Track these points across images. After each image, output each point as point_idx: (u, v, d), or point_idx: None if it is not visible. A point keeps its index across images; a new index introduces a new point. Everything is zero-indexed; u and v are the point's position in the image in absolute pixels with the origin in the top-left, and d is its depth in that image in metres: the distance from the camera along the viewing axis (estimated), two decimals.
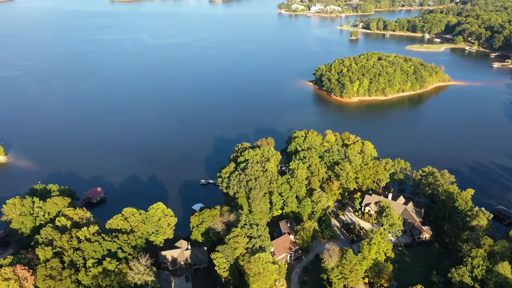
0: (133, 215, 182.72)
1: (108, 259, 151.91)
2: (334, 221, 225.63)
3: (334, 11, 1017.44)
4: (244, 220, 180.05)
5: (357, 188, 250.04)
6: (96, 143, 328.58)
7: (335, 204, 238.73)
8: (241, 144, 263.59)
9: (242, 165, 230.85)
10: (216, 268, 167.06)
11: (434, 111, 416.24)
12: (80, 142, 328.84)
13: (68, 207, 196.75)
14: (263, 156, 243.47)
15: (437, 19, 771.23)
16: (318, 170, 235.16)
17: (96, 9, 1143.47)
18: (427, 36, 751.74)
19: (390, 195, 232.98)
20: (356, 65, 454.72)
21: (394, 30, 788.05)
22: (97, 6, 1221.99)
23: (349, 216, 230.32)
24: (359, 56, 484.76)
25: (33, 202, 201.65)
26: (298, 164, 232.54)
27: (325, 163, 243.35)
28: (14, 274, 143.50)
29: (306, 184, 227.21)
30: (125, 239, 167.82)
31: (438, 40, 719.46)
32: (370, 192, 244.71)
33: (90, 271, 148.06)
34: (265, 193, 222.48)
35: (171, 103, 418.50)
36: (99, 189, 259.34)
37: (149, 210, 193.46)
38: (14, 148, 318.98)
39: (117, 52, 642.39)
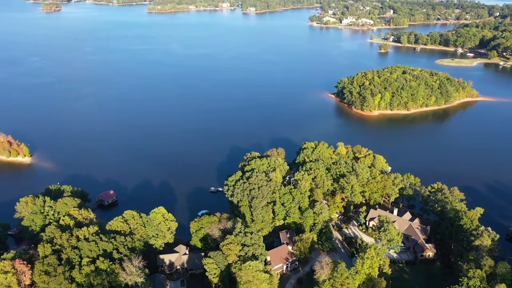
0: (133, 217, 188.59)
1: (101, 258, 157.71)
2: (336, 234, 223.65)
3: (365, 24, 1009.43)
4: (239, 228, 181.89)
5: (364, 202, 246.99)
6: (115, 148, 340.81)
7: (339, 217, 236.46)
8: (250, 154, 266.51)
9: (247, 174, 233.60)
10: (207, 273, 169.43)
11: (458, 127, 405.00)
12: (100, 147, 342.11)
13: (77, 207, 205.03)
14: (269, 166, 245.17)
15: (471, 33, 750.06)
16: (323, 182, 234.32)
17: (134, 20, 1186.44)
18: (460, 50, 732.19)
19: (395, 211, 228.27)
20: (379, 78, 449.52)
21: (425, 44, 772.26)
22: (136, 17, 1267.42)
23: (352, 229, 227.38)
24: (383, 69, 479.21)
25: (44, 202, 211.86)
26: (303, 175, 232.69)
27: (331, 175, 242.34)
28: (13, 268, 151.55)
29: (309, 196, 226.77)
30: (122, 240, 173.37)
31: (471, 54, 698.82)
32: (376, 206, 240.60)
33: (83, 269, 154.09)
34: (268, 202, 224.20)
35: (191, 111, 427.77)
36: (111, 192, 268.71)
37: (150, 214, 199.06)
38: (40, 150, 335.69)
39: (146, 61, 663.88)
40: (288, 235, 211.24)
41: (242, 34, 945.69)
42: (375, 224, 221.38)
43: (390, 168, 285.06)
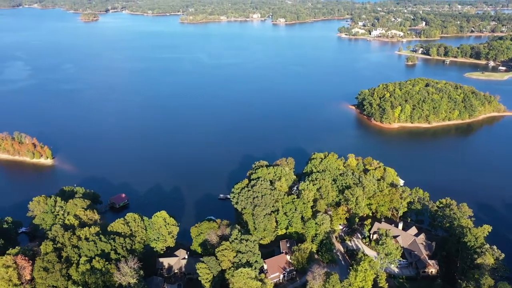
0: (134, 220, 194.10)
1: (97, 258, 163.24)
2: (339, 246, 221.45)
3: (395, 35, 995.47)
4: (236, 235, 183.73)
5: (371, 214, 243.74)
6: (133, 153, 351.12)
7: (343, 228, 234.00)
8: (259, 162, 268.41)
9: (253, 182, 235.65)
10: (199, 278, 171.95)
11: (481, 142, 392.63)
12: (118, 152, 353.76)
13: (85, 208, 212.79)
14: (275, 175, 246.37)
15: (505, 46, 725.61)
16: (328, 193, 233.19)
17: (166, 30, 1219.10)
18: (491, 63, 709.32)
19: (400, 225, 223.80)
20: (400, 90, 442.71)
21: (455, 57, 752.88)
22: (168, 27, 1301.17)
23: (356, 242, 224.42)
24: (405, 82, 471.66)
25: (55, 202, 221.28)
26: (307, 185, 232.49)
27: (337, 186, 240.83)
28: (14, 263, 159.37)
29: (312, 206, 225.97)
30: (121, 241, 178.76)
31: (504, 68, 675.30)
32: (382, 220, 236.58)
33: (80, 267, 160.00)
34: (271, 211, 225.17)
35: (210, 120, 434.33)
36: (123, 195, 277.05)
37: (152, 217, 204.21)
38: (62, 153, 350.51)
39: (173, 70, 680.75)
40: (288, 245, 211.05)
41: (269, 45, 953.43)
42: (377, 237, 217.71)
43: (402, 181, 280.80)
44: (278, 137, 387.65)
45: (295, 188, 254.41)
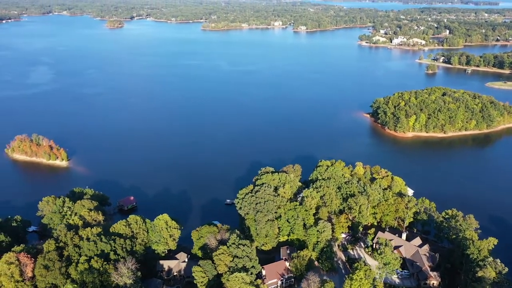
0: (136, 222, 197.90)
1: (96, 258, 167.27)
2: (340, 254, 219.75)
3: (416, 44, 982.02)
4: (233, 240, 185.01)
5: (376, 224, 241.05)
6: (144, 157, 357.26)
7: (347, 237, 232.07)
8: (265, 168, 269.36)
9: (256, 188, 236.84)
10: (195, 281, 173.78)
11: (498, 154, 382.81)
12: (130, 155, 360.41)
13: (92, 210, 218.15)
14: (280, 181, 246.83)
15: None
16: (332, 201, 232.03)
17: (188, 37, 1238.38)
18: None
19: (404, 235, 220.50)
20: (416, 99, 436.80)
21: (478, 66, 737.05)
22: (190, 34, 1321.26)
23: (358, 251, 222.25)
24: (422, 90, 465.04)
25: (64, 202, 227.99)
26: (311, 192, 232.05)
27: (341, 194, 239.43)
28: (17, 260, 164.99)
29: (314, 213, 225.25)
30: (121, 243, 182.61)
31: None
32: (387, 229, 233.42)
33: (79, 266, 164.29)
34: (275, 217, 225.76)
35: (223, 125, 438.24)
36: (131, 198, 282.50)
37: (154, 220, 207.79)
38: (77, 155, 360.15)
39: (192, 76, 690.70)
40: (288, 251, 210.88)
41: (288, 52, 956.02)
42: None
43: (412, 191, 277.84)
44: (290, 143, 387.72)
45: (300, 195, 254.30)
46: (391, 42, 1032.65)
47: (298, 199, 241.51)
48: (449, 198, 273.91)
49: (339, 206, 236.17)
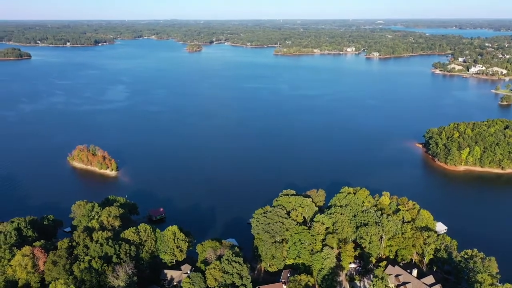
0: (144, 230, 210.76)
1: (97, 259, 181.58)
2: (346, 284, 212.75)
3: (496, 73, 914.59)
4: (227, 256, 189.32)
5: (392, 257, 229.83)
6: (184, 172, 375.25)
7: (357, 267, 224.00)
8: (286, 191, 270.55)
9: (270, 209, 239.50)
10: None
11: None
12: (172, 170, 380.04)
13: (111, 216, 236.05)
14: (295, 204, 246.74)
15: None
16: (343, 228, 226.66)
17: (259, 61, 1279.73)
18: None
19: (415, 271, 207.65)
20: (472, 131, 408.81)
21: None
22: (262, 58, 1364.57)
23: (366, 283, 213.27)
24: (481, 122, 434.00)
25: (93, 207, 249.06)
26: (322, 218, 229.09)
27: (356, 223, 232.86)
28: (32, 253, 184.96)
29: (323, 239, 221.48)
30: (126, 248, 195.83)
31: None
32: (401, 263, 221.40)
33: (81, 265, 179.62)
34: (282, 240, 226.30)
35: (268, 147, 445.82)
36: (161, 209, 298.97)
37: (164, 230, 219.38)
38: (126, 166, 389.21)
39: (251, 99, 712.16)
40: (289, 274, 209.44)
41: (354, 78, 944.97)
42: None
43: (445, 227, 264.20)
44: (330, 169, 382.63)
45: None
46: (467, 70, 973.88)
47: (310, 223, 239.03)
48: (488, 240, 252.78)
49: (351, 235, 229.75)
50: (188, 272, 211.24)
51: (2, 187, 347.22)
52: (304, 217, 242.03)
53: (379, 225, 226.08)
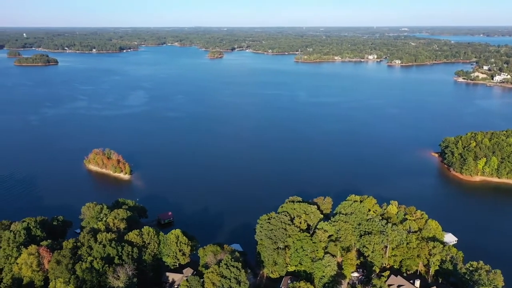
0: (148, 233, 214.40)
1: (99, 259, 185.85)
2: None
3: None
4: (226, 260, 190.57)
5: (397, 267, 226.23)
6: (197, 177, 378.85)
7: (359, 276, 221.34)
8: (292, 197, 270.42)
9: (273, 215, 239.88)
10: None
11: None
12: (185, 175, 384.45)
13: (117, 218, 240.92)
14: (299, 211, 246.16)
15: None
16: (346, 237, 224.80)
17: (279, 68, 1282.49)
18: None
19: (418, 282, 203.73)
20: (489, 141, 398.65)
21: None
22: (282, 65, 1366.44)
23: None
24: (500, 132, 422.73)
25: (101, 209, 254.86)
26: (326, 225, 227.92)
27: (359, 231, 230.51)
28: (37, 252, 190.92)
29: (325, 247, 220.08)
30: (128, 250, 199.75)
31: None
32: (405, 273, 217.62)
33: (83, 264, 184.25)
34: (285, 246, 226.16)
35: (281, 154, 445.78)
36: (169, 213, 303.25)
37: (167, 234, 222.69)
38: (139, 170, 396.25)
39: (268, 106, 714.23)
40: (289, 281, 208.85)
41: (374, 86, 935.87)
42: None
43: (455, 238, 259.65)
44: (342, 177, 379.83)
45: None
46: (492, 79, 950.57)
47: (314, 231, 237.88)
48: (500, 253, 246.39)
49: (355, 243, 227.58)
50: (189, 275, 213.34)
51: (19, 188, 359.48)
52: (308, 224, 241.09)
53: (383, 234, 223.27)
